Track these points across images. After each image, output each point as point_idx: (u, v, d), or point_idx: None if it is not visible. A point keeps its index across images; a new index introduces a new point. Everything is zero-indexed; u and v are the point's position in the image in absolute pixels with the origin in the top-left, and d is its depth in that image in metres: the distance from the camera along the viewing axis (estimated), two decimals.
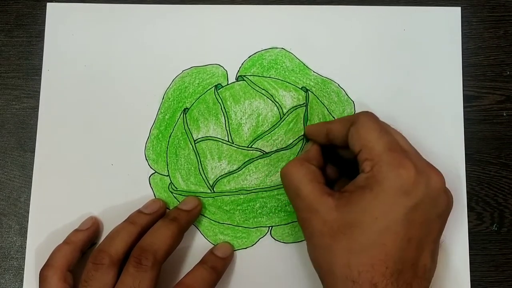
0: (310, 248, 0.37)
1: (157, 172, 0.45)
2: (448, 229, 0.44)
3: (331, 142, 0.40)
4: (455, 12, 0.47)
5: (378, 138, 0.36)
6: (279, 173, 0.44)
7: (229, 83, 0.46)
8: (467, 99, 0.46)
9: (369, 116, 0.38)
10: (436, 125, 0.45)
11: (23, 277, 0.43)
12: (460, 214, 0.44)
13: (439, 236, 0.37)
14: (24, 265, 0.43)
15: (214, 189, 0.44)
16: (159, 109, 0.45)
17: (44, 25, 0.46)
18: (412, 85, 0.46)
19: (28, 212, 0.44)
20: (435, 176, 0.36)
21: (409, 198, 0.34)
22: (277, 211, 0.44)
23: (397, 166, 0.35)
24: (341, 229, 0.35)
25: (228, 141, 0.45)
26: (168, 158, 0.45)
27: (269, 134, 0.45)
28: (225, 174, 0.44)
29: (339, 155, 0.41)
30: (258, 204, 0.44)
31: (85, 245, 0.42)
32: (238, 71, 0.46)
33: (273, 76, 0.46)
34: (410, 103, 0.45)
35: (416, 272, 0.35)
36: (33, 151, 0.45)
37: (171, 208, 0.44)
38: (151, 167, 0.45)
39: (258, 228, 0.44)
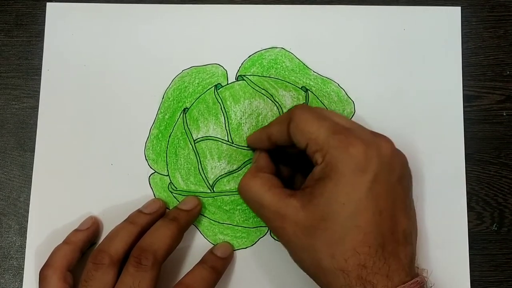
0: (292, 253, 0.37)
1: (157, 172, 0.45)
2: (448, 229, 0.44)
3: (276, 145, 0.40)
4: (455, 12, 0.47)
5: (319, 127, 0.36)
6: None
7: (229, 82, 0.46)
8: (467, 99, 0.46)
9: (303, 108, 0.38)
10: (436, 125, 0.45)
11: (23, 277, 0.43)
12: (460, 214, 0.44)
13: (408, 197, 0.37)
14: (24, 265, 0.43)
15: (214, 189, 0.44)
16: (158, 108, 0.45)
17: (44, 25, 0.46)
18: (412, 85, 0.46)
19: (27, 212, 0.44)
20: (383, 143, 0.36)
21: (367, 174, 0.34)
22: None
23: (346, 147, 0.35)
24: (314, 225, 0.35)
25: (228, 141, 0.45)
26: (168, 158, 0.45)
27: None
28: (225, 174, 0.44)
29: (288, 153, 0.41)
30: None
31: (85, 245, 0.42)
32: (238, 70, 0.46)
33: (273, 76, 0.46)
34: (410, 103, 0.45)
35: (398, 240, 0.35)
36: (33, 151, 0.45)
37: (171, 208, 0.44)
38: (150, 167, 0.45)
39: (258, 228, 0.44)
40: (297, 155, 0.40)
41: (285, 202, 0.36)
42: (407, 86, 0.46)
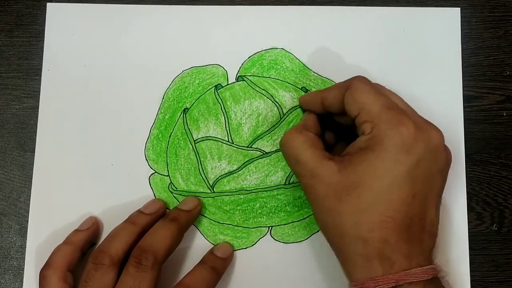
0: (316, 212, 0.37)
1: (157, 172, 0.45)
2: (449, 228, 0.44)
3: (327, 110, 0.40)
4: (454, 13, 0.47)
5: (375, 100, 0.36)
6: (279, 173, 0.44)
7: (229, 83, 0.46)
8: (467, 99, 0.46)
9: (362, 79, 0.38)
10: (436, 125, 0.45)
11: (23, 277, 0.43)
12: (460, 214, 0.44)
13: (442, 192, 0.37)
14: (24, 265, 0.43)
15: (214, 189, 0.44)
16: (159, 109, 0.45)
17: (44, 25, 0.46)
18: (412, 85, 0.46)
19: (28, 212, 0.44)
20: (434, 133, 0.36)
21: (411, 155, 0.35)
22: (277, 211, 0.44)
23: (396, 124, 0.35)
24: (346, 191, 0.35)
25: (228, 141, 0.45)
26: (168, 158, 0.45)
27: (269, 134, 0.45)
28: (225, 174, 0.44)
29: (335, 122, 0.42)
30: (258, 204, 0.44)
31: (85, 245, 0.42)
32: (238, 71, 0.46)
33: (273, 77, 0.46)
34: (410, 103, 0.45)
35: (424, 227, 0.35)
36: (33, 151, 0.45)
37: (171, 208, 0.44)
38: (151, 167, 0.45)
39: (258, 228, 0.44)
40: (343, 125, 0.41)
41: (322, 163, 0.36)
42: (407, 87, 0.45)
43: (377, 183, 0.34)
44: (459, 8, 0.47)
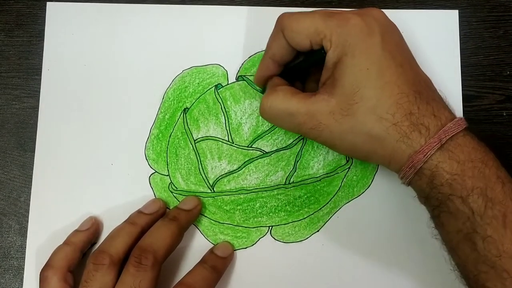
0: (338, 145, 0.38)
1: (157, 172, 0.45)
2: None
3: (281, 63, 0.41)
4: (452, 15, 0.47)
5: (312, 19, 0.37)
6: (279, 173, 0.44)
7: (229, 83, 0.46)
8: (467, 99, 0.46)
9: (286, 14, 0.39)
10: None
11: (23, 277, 0.43)
12: None
13: (410, 50, 0.39)
14: (24, 265, 0.43)
15: (214, 189, 0.44)
16: (159, 108, 0.45)
17: (44, 24, 0.46)
18: None
19: (28, 212, 0.44)
20: (374, 11, 0.38)
21: (374, 36, 0.36)
22: (277, 211, 0.44)
23: (345, 22, 0.36)
24: (350, 103, 0.36)
25: (228, 141, 0.45)
26: (168, 157, 0.45)
27: (269, 134, 0.45)
28: (225, 174, 0.44)
29: (293, 72, 0.42)
30: (258, 204, 0.44)
31: (85, 245, 0.42)
32: (238, 71, 0.46)
33: None
34: None
35: (426, 87, 0.37)
36: (33, 151, 0.45)
37: (171, 208, 0.44)
38: (151, 167, 0.45)
39: (258, 227, 0.44)
40: (303, 72, 0.42)
41: (311, 100, 0.37)
42: None
43: (369, 75, 0.36)
44: (457, 11, 0.47)
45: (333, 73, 0.37)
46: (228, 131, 0.45)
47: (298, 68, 0.42)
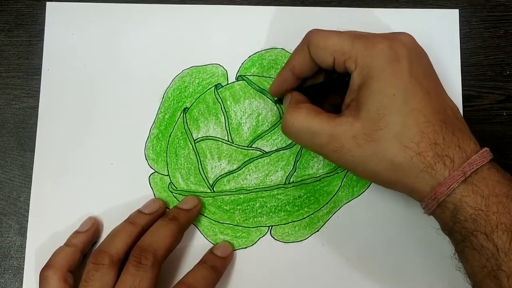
0: (359, 171, 0.37)
1: (157, 172, 0.45)
2: None
3: (300, 77, 0.40)
4: (453, 14, 0.47)
5: (339, 38, 0.37)
6: (279, 172, 0.44)
7: (229, 82, 0.46)
8: (467, 98, 0.46)
9: (317, 30, 0.38)
10: None
11: (22, 277, 0.43)
12: None
13: (438, 78, 0.38)
14: (23, 265, 0.43)
15: (214, 189, 0.44)
16: (159, 108, 0.45)
17: (44, 24, 0.46)
18: None
19: (28, 212, 0.44)
20: (403, 36, 0.37)
21: (402, 62, 0.35)
22: (277, 211, 0.44)
23: (372, 46, 0.36)
24: (374, 128, 0.35)
25: (228, 141, 0.45)
26: (168, 157, 0.45)
27: (269, 134, 0.45)
28: (225, 173, 0.44)
29: (312, 90, 0.42)
30: (258, 204, 0.44)
31: (86, 246, 0.42)
32: (238, 71, 0.46)
33: (273, 76, 0.46)
34: None
35: (454, 115, 0.36)
36: (33, 150, 0.45)
37: (170, 207, 0.44)
38: (151, 167, 0.45)
39: (258, 227, 0.44)
40: (321, 89, 0.41)
41: (336, 122, 0.36)
42: None
43: (395, 101, 0.35)
44: (457, 10, 0.47)
45: (358, 96, 0.36)
46: (228, 131, 0.45)
47: (318, 88, 0.41)
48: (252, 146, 0.45)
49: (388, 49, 0.36)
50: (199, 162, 0.45)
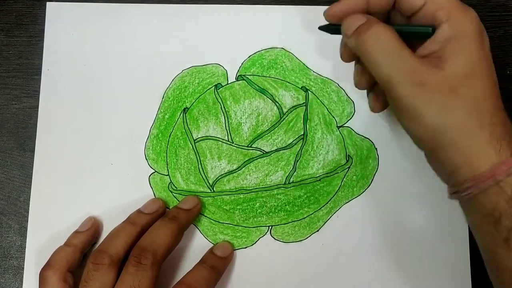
0: (433, 120, 0.34)
1: (157, 172, 0.45)
2: (449, 228, 0.44)
3: (374, 5, 0.37)
4: None
5: None
6: (279, 172, 0.44)
7: (229, 82, 0.46)
8: None
9: None
10: None
11: (23, 276, 0.43)
12: (461, 214, 0.44)
13: None
14: (23, 265, 0.43)
15: (214, 189, 0.44)
16: (159, 108, 0.45)
17: (44, 24, 0.46)
18: None
19: (28, 212, 0.44)
20: (474, 12, 0.36)
21: (484, 35, 0.35)
22: (277, 211, 0.44)
23: (465, 9, 0.35)
24: (458, 83, 0.34)
25: (228, 141, 0.45)
26: (168, 157, 0.45)
27: (269, 134, 0.45)
28: (225, 173, 0.44)
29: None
30: (258, 204, 0.44)
31: (85, 246, 0.42)
32: (238, 70, 0.46)
33: (273, 76, 0.46)
34: None
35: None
36: (33, 150, 0.45)
37: (170, 207, 0.44)
38: (151, 167, 0.45)
39: (258, 227, 0.44)
40: None
41: (420, 61, 0.34)
42: None
43: (482, 68, 0.34)
44: None
45: (443, 48, 0.34)
46: (228, 131, 0.45)
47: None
48: (252, 146, 0.45)
49: (478, 20, 0.35)
50: (199, 162, 0.45)
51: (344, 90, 0.45)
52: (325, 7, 0.46)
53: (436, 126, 0.34)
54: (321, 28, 0.39)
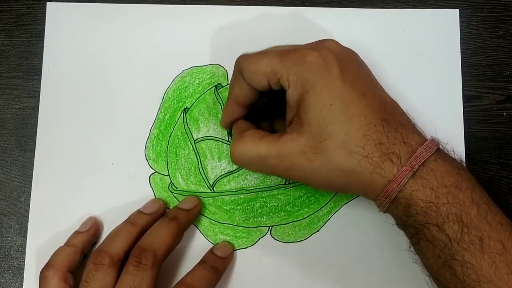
0: (314, 182, 0.37)
1: (157, 172, 0.45)
2: None
3: (247, 104, 0.40)
4: (453, 14, 0.47)
5: (268, 59, 0.37)
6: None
7: (229, 83, 0.46)
8: (467, 99, 0.46)
9: (243, 56, 0.39)
10: (436, 125, 0.45)
11: (23, 277, 0.43)
12: None
13: (374, 78, 0.39)
14: (24, 265, 0.43)
15: (214, 189, 0.44)
16: (159, 109, 0.45)
17: (44, 25, 0.46)
18: (412, 86, 0.46)
19: (28, 212, 0.44)
20: (329, 43, 0.38)
21: (332, 69, 0.36)
22: (277, 211, 0.44)
23: (301, 60, 0.36)
24: (319, 140, 0.35)
25: (228, 141, 0.45)
26: (168, 157, 0.45)
27: None
28: (225, 173, 0.44)
29: (259, 112, 0.42)
30: (258, 204, 0.44)
31: (86, 246, 0.42)
32: None
33: None
34: (410, 103, 0.45)
35: (393, 112, 0.37)
36: (33, 151, 0.45)
37: (171, 207, 0.44)
38: (151, 167, 0.45)
39: (258, 227, 0.44)
40: (268, 111, 0.42)
41: (281, 141, 0.37)
42: (406, 87, 0.46)
43: (333, 110, 0.35)
44: (457, 10, 0.47)
45: (297, 112, 0.36)
46: (228, 131, 0.45)
47: (263, 108, 0.42)
48: None
49: (317, 60, 0.36)
50: (199, 162, 0.45)
51: None
52: (325, 9, 0.47)
53: (324, 185, 0.38)
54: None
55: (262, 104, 0.42)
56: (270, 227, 0.44)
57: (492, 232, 0.33)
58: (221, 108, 0.45)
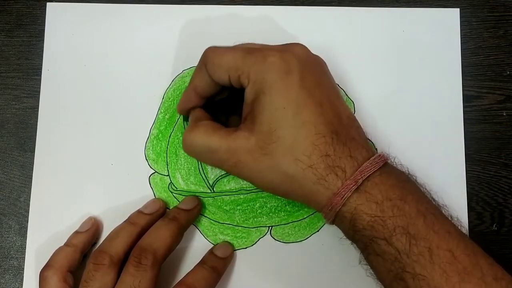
0: (259, 183, 0.37)
1: (157, 172, 0.45)
2: None
3: (205, 96, 0.40)
4: (453, 13, 0.47)
5: (233, 54, 0.37)
6: None
7: None
8: (467, 99, 0.46)
9: (212, 47, 0.39)
10: (436, 125, 0.45)
11: (23, 277, 0.43)
12: (460, 214, 0.44)
13: (337, 88, 0.39)
14: (24, 265, 0.43)
15: (214, 189, 0.44)
16: (159, 109, 0.45)
17: (44, 25, 0.46)
18: (412, 85, 0.46)
19: (28, 212, 0.44)
20: (296, 47, 0.37)
21: (293, 74, 0.36)
22: (277, 211, 0.44)
23: (263, 59, 0.36)
24: (267, 142, 0.35)
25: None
26: (168, 158, 0.45)
27: None
28: (225, 173, 0.44)
29: (217, 106, 0.42)
30: (258, 204, 0.44)
31: (86, 247, 0.42)
32: None
33: None
34: (410, 103, 0.45)
35: (346, 125, 0.36)
36: (33, 151, 0.45)
37: (171, 208, 0.44)
38: (151, 167, 0.45)
39: (258, 228, 0.44)
40: (227, 105, 0.42)
41: (232, 137, 0.36)
42: (406, 87, 0.46)
43: (286, 114, 0.35)
44: (458, 9, 0.47)
45: (252, 110, 0.36)
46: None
47: (221, 102, 0.42)
48: None
49: (279, 61, 0.36)
50: (199, 162, 0.45)
51: (344, 90, 0.45)
52: (325, 8, 0.47)
53: (268, 188, 0.37)
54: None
55: (221, 98, 0.41)
56: (270, 227, 0.44)
57: (440, 242, 0.33)
58: None
